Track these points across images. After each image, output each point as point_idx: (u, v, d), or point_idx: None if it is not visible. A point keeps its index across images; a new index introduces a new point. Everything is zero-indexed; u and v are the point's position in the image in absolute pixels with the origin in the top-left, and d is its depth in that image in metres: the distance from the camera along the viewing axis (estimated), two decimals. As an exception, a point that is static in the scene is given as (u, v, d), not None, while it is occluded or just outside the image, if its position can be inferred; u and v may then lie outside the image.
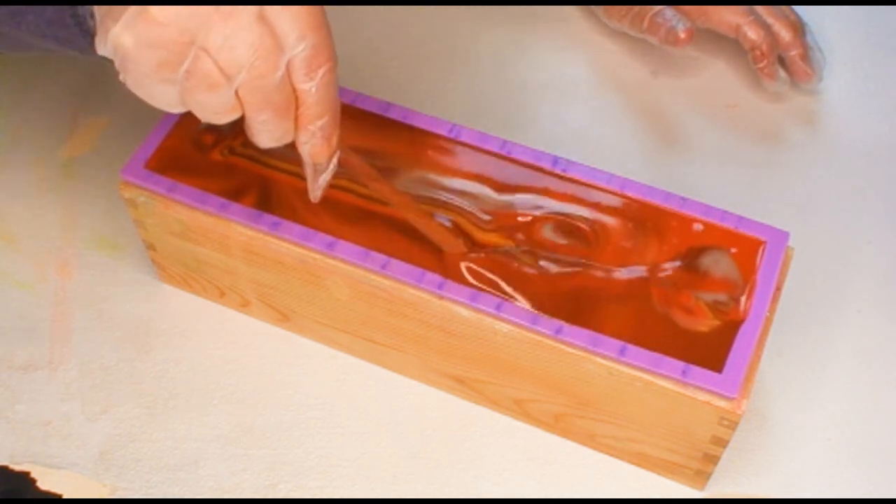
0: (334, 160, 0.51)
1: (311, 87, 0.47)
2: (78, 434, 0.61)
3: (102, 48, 0.47)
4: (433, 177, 0.59)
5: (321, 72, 0.47)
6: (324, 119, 0.48)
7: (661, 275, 0.56)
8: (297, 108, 0.48)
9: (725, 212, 0.58)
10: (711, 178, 0.71)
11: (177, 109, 0.48)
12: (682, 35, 0.71)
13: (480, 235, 0.57)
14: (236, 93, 0.46)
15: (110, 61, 0.47)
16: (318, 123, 0.48)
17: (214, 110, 0.47)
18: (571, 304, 0.55)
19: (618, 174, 0.60)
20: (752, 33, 0.72)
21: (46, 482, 0.59)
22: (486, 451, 0.61)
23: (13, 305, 0.66)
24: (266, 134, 0.49)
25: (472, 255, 0.56)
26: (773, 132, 0.74)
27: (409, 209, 0.57)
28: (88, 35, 0.47)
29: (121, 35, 0.45)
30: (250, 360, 0.64)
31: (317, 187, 0.52)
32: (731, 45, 0.75)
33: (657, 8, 0.73)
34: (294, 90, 0.47)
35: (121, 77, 0.47)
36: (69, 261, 0.68)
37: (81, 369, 0.63)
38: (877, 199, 0.71)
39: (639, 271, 0.56)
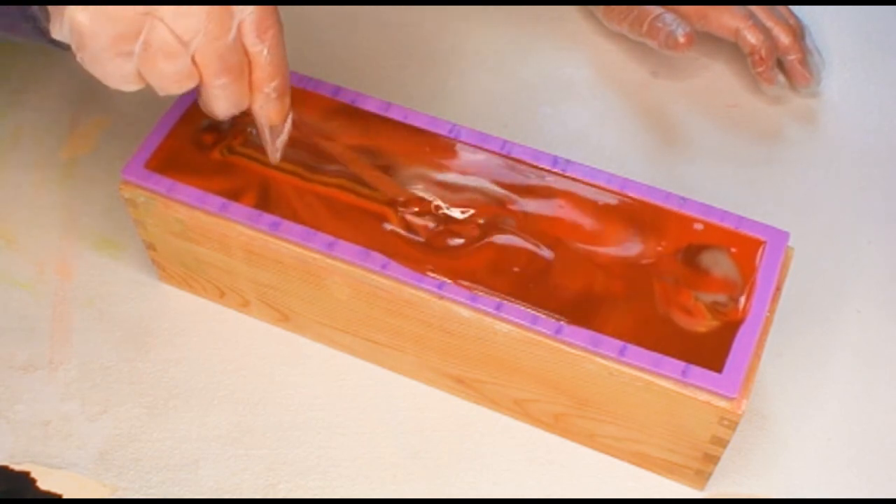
0: (289, 121, 0.54)
1: (263, 50, 0.49)
2: (78, 434, 0.61)
3: (58, 30, 0.48)
4: (433, 175, 0.59)
5: (270, 34, 0.49)
6: (276, 80, 0.51)
7: (661, 275, 0.56)
8: (250, 72, 0.50)
9: (725, 212, 0.58)
10: (711, 178, 0.71)
11: (131, 86, 0.49)
12: (682, 39, 0.71)
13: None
14: (193, 60, 0.48)
15: (61, 45, 0.48)
16: (272, 85, 0.51)
17: (173, 79, 0.49)
18: (571, 304, 0.55)
19: (618, 174, 0.60)
20: (752, 37, 0.72)
21: (46, 482, 0.59)
22: (486, 451, 0.61)
23: (13, 305, 0.66)
24: (224, 100, 0.51)
25: (410, 205, 0.57)
26: (773, 132, 0.74)
27: (358, 166, 0.58)
28: (36, 20, 0.48)
29: (77, 12, 0.46)
30: (250, 360, 0.64)
31: (275, 149, 0.55)
32: (731, 45, 0.75)
33: (657, 12, 0.73)
34: (246, 54, 0.50)
35: (77, 57, 0.48)
36: (69, 261, 0.68)
37: (81, 369, 0.63)
38: (877, 199, 0.71)
39: (639, 271, 0.56)
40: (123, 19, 0.46)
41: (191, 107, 0.62)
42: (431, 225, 0.57)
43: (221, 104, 0.51)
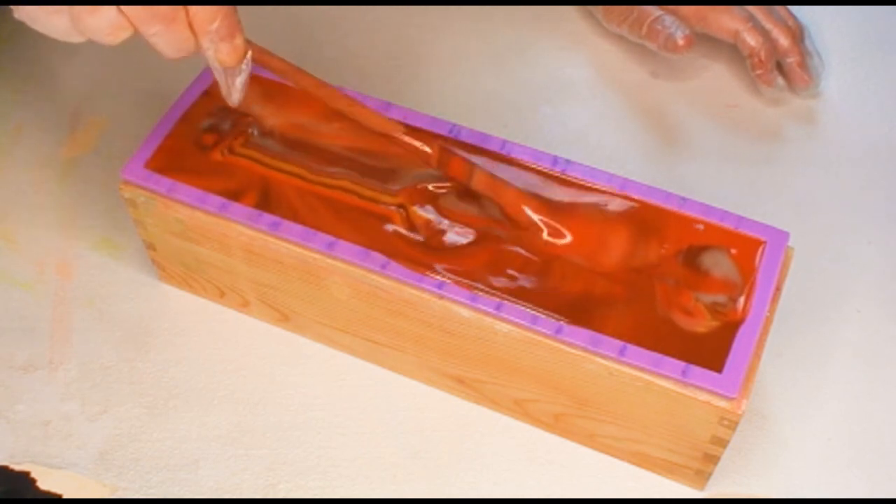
0: (247, 61, 0.53)
1: None
2: (78, 434, 0.61)
3: None
4: (433, 174, 0.59)
5: None
6: (216, 22, 0.50)
7: (661, 275, 0.56)
8: (187, 15, 0.50)
9: (725, 212, 0.58)
10: (711, 178, 0.71)
11: (75, 39, 0.50)
12: (681, 42, 0.71)
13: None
14: (121, 10, 0.48)
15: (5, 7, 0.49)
16: (213, 27, 0.50)
17: (105, 31, 0.49)
18: (571, 304, 0.55)
19: (618, 174, 0.60)
20: (751, 40, 0.72)
21: (46, 482, 0.59)
22: (486, 451, 0.61)
23: (13, 305, 0.66)
24: (164, 46, 0.50)
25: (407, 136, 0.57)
26: (773, 132, 0.74)
27: (338, 100, 0.57)
28: None
29: None
30: (250, 360, 0.64)
31: (233, 90, 0.54)
32: (731, 46, 0.75)
33: (656, 14, 0.73)
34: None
35: (15, 15, 0.49)
36: (69, 261, 0.68)
37: (81, 369, 0.63)
38: (877, 199, 0.71)
39: (639, 271, 0.56)
40: None
41: (191, 107, 0.62)
42: (432, 225, 0.57)
43: (164, 50, 0.51)
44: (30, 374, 0.63)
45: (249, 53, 0.53)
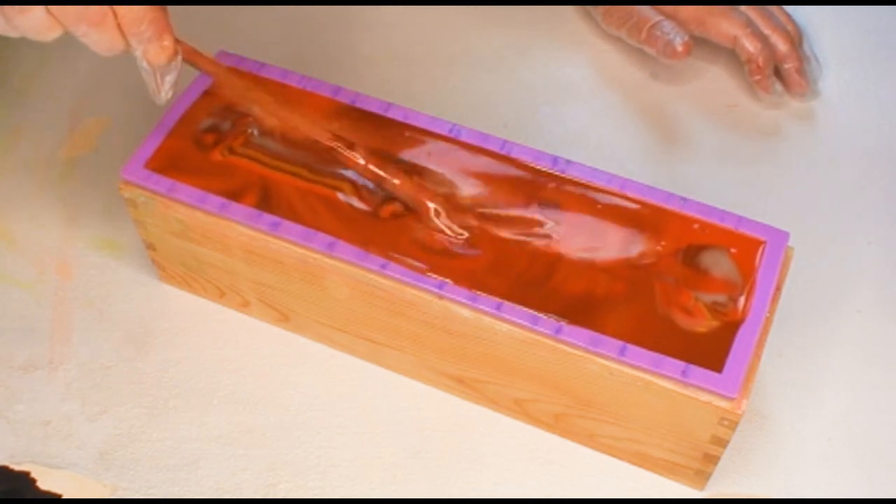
0: (176, 61, 0.54)
1: None
2: (78, 434, 0.61)
3: None
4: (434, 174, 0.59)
5: None
6: (143, 24, 0.51)
7: (661, 275, 0.56)
8: (117, 18, 0.51)
9: (725, 212, 0.58)
10: (711, 178, 0.71)
11: (11, 34, 0.51)
12: (680, 48, 0.71)
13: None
14: (49, 11, 0.50)
15: None
16: (140, 28, 0.51)
17: (36, 29, 0.51)
18: (571, 304, 0.55)
19: (618, 174, 0.60)
20: (749, 46, 0.72)
21: (46, 482, 0.59)
22: (486, 451, 0.61)
23: (13, 305, 0.66)
24: (94, 44, 0.52)
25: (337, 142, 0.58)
26: (773, 132, 0.74)
27: (267, 105, 0.58)
28: None
29: None
30: (250, 360, 0.64)
31: (162, 89, 0.55)
32: (730, 49, 0.75)
33: (655, 19, 0.73)
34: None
35: None
36: (69, 261, 0.68)
37: (81, 369, 0.63)
38: (877, 199, 0.71)
39: (639, 272, 0.56)
40: None
41: (191, 107, 0.62)
42: (433, 224, 0.58)
43: (95, 48, 0.52)
44: (30, 374, 0.63)
45: (180, 54, 0.54)
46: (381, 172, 0.58)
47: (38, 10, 0.50)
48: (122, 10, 0.51)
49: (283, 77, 0.63)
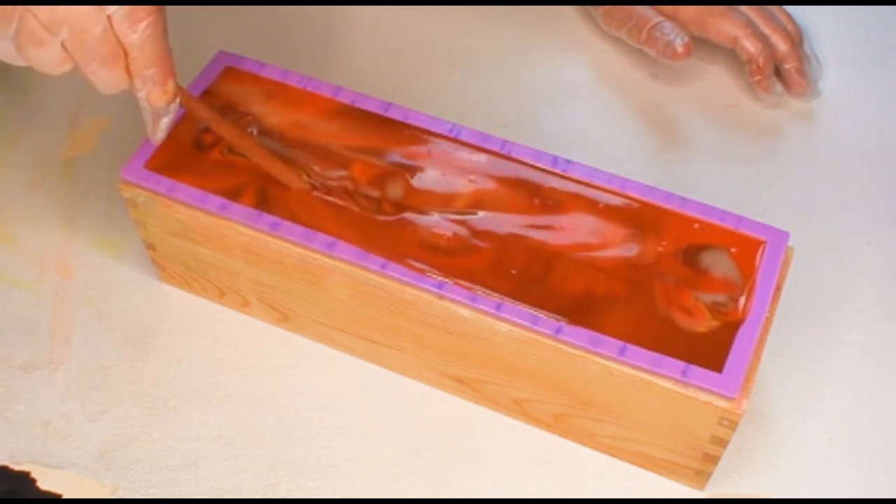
0: (174, 105, 0.55)
1: (135, 40, 0.52)
2: (78, 434, 0.61)
3: None
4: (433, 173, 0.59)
5: (142, 26, 0.51)
6: (152, 69, 0.53)
7: (662, 275, 0.56)
8: (126, 59, 0.53)
9: (725, 212, 0.58)
10: (711, 178, 0.71)
11: (18, 63, 0.53)
12: (680, 49, 0.71)
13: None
14: (64, 47, 0.51)
15: None
16: (148, 72, 0.53)
17: (47, 63, 0.52)
18: (571, 304, 0.55)
19: (618, 174, 0.60)
20: (750, 46, 0.72)
21: (46, 482, 0.59)
22: (486, 451, 0.61)
23: (13, 305, 0.66)
24: (99, 83, 0.53)
25: (316, 191, 0.59)
26: (773, 132, 0.74)
27: (254, 151, 0.59)
28: None
29: None
30: (250, 360, 0.64)
31: (158, 130, 0.57)
32: (731, 49, 0.75)
33: (655, 20, 0.73)
34: (121, 44, 0.52)
35: None
36: (69, 261, 0.68)
37: (81, 369, 0.63)
38: (877, 199, 0.71)
39: (639, 271, 0.56)
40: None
41: (191, 107, 0.62)
42: (433, 224, 0.58)
43: (99, 86, 0.54)
44: (30, 374, 0.63)
45: (178, 98, 0.55)
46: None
47: (53, 46, 0.51)
48: (134, 52, 0.52)
49: (283, 77, 0.63)
